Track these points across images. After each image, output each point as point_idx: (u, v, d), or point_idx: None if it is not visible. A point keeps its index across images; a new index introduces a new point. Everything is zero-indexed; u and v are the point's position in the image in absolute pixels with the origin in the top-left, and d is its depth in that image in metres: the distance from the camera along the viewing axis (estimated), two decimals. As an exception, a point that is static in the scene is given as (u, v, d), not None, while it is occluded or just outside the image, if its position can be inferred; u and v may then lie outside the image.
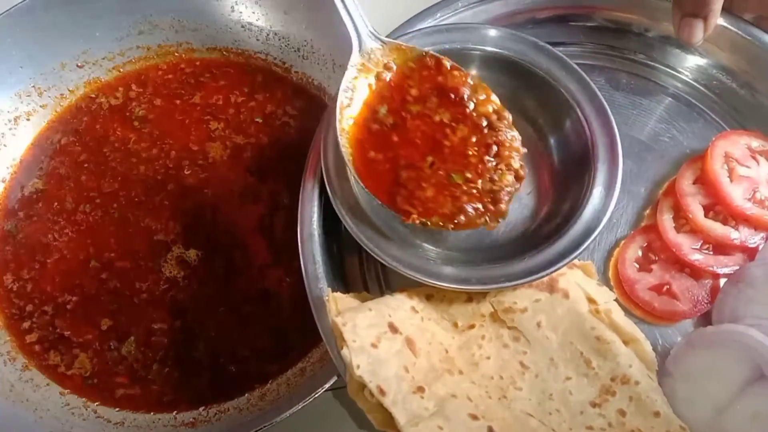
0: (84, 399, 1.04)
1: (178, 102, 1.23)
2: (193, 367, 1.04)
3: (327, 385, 0.90)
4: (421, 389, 0.77)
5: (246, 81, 1.24)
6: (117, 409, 1.03)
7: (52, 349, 1.06)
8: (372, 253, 0.83)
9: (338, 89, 0.86)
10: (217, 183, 1.15)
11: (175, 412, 1.02)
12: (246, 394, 1.02)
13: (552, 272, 0.83)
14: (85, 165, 1.18)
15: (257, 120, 1.20)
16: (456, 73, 0.87)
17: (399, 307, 0.83)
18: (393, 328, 0.80)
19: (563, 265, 0.82)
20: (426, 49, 0.88)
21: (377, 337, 0.79)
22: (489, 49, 0.92)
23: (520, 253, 0.85)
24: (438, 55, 0.87)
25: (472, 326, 0.85)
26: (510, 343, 0.84)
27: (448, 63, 0.87)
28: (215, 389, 1.03)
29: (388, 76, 0.88)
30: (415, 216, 0.82)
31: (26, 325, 1.08)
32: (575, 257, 0.82)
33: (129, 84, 1.25)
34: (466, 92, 0.86)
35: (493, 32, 0.92)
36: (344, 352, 0.77)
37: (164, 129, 1.20)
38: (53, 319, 1.08)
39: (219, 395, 1.03)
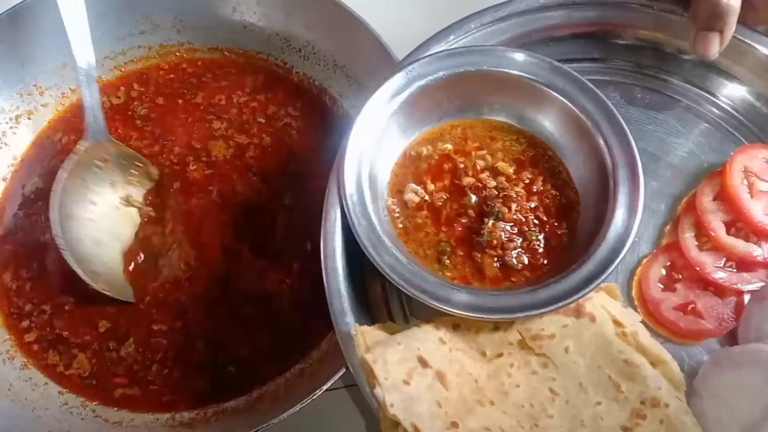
0: (82, 398, 1.03)
1: (180, 101, 1.23)
2: (192, 367, 1.04)
3: (325, 386, 0.90)
4: (454, 425, 0.77)
5: (247, 81, 1.24)
6: (115, 408, 1.03)
7: (50, 349, 1.06)
8: (399, 287, 0.82)
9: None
10: (219, 183, 1.15)
11: (174, 412, 1.02)
12: (245, 395, 1.02)
13: (579, 298, 0.82)
14: (87, 164, 1.17)
15: (260, 120, 1.20)
16: None
17: (426, 339, 0.83)
18: (423, 362, 0.80)
19: (590, 291, 0.82)
20: (441, 73, 0.89)
21: (408, 373, 0.79)
22: (505, 71, 0.91)
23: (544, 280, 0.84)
24: None
25: (500, 355, 0.85)
26: (539, 369, 0.83)
27: None
28: (214, 390, 1.03)
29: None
30: None
31: (25, 324, 1.08)
32: (601, 282, 0.82)
33: (131, 83, 1.24)
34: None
35: (508, 54, 0.91)
36: (377, 390, 0.77)
37: (167, 128, 1.20)
38: (51, 319, 1.07)
39: (218, 396, 1.02)
